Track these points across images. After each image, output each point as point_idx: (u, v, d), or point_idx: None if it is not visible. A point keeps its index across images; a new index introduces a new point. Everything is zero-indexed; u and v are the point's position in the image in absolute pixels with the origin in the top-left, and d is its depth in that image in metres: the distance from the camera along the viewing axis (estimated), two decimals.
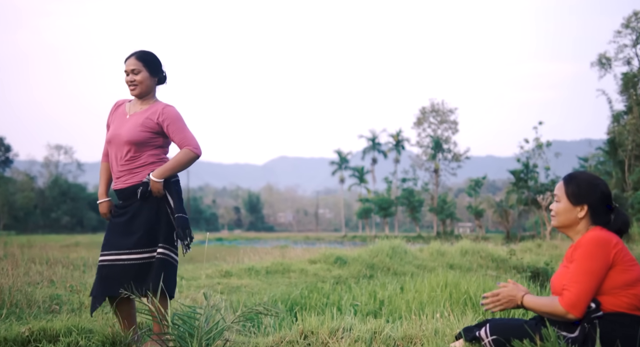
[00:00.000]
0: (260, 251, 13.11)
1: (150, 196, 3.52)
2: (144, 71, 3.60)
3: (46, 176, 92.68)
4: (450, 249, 13.00)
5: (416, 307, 5.83)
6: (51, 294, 5.06)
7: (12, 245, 12.00)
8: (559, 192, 2.74)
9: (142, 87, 3.60)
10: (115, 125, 3.65)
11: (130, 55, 3.65)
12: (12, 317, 4.02)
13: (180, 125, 3.61)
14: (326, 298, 6.78)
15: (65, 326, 3.61)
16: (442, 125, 61.81)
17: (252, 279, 8.44)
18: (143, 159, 3.58)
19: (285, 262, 9.89)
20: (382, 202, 63.82)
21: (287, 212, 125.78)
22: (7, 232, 65.97)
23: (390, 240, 11.72)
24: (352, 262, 10.21)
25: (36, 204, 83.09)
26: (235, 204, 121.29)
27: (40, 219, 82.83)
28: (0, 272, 5.57)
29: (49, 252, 10.92)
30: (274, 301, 6.54)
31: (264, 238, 57.29)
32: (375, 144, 67.75)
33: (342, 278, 9.09)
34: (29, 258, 9.20)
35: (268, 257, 11.32)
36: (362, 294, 6.86)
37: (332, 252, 11.00)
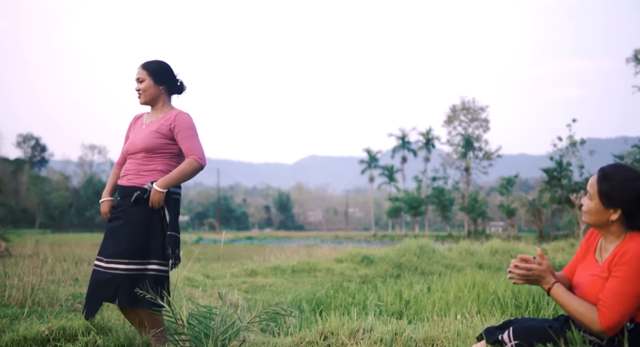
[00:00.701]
0: (287, 250, 13.09)
1: (145, 203, 3.48)
2: (147, 79, 3.63)
3: (80, 176, 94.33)
4: (480, 249, 12.80)
5: (442, 308, 5.72)
6: (74, 293, 5.07)
7: (43, 243, 12.16)
8: (591, 189, 2.52)
9: (145, 95, 3.63)
10: (133, 136, 3.70)
11: (138, 66, 3.71)
12: (33, 316, 4.03)
13: (189, 133, 3.59)
14: (352, 298, 6.69)
15: (84, 325, 3.60)
16: (473, 123, 61.03)
17: (278, 278, 8.40)
18: (154, 165, 3.57)
19: (312, 261, 9.84)
20: (412, 201, 63.38)
21: (317, 211, 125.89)
22: (42, 231, 67.33)
23: (418, 239, 11.59)
24: (379, 262, 10.11)
25: (71, 203, 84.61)
26: (265, 203, 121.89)
27: (75, 217, 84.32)
28: (26, 271, 5.60)
29: (78, 250, 11.05)
30: (298, 300, 6.49)
31: (294, 237, 57.28)
32: (405, 142, 67.31)
33: (368, 277, 9.00)
34: (58, 256, 9.32)
35: (294, 256, 11.29)
36: (388, 294, 6.76)
37: (359, 251, 10.91)
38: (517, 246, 13.51)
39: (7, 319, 3.85)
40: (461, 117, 61.28)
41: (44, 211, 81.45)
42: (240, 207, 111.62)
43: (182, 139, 3.56)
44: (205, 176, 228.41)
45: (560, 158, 47.97)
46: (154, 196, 3.43)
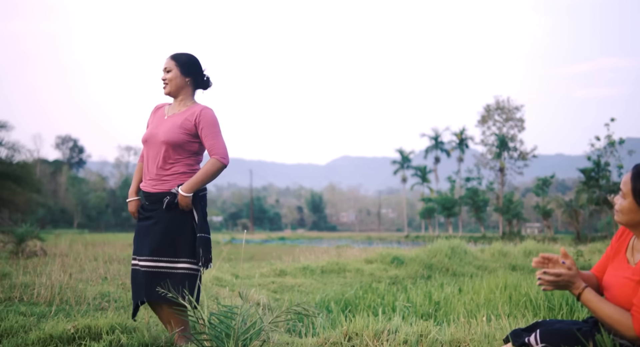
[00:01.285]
0: (317, 250, 13.05)
1: (175, 207, 3.47)
2: (175, 70, 3.60)
3: (117, 176, 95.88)
4: (513, 250, 12.57)
5: (472, 310, 5.61)
6: (102, 291, 5.11)
7: (77, 243, 12.36)
8: (625, 187, 2.39)
9: (171, 85, 3.60)
10: (153, 125, 3.65)
11: (168, 56, 3.68)
12: (60, 314, 4.06)
13: (214, 130, 3.55)
14: (380, 299, 6.62)
15: (109, 324, 3.61)
16: (507, 123, 60.16)
17: (307, 278, 8.37)
18: (175, 167, 3.53)
19: (341, 261, 9.78)
20: (446, 201, 62.80)
21: (349, 212, 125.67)
22: (80, 231, 68.69)
23: (449, 240, 11.43)
24: (410, 263, 9.99)
25: (108, 203, 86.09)
26: (298, 204, 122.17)
27: (111, 218, 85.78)
28: (56, 270, 5.67)
29: (110, 249, 11.19)
30: (326, 300, 6.44)
31: (326, 238, 57.31)
32: (438, 142, 66.75)
33: (398, 278, 8.91)
34: (90, 256, 9.45)
35: (324, 256, 11.24)
36: (417, 295, 6.67)
37: (389, 252, 10.81)
38: (552, 247, 13.24)
39: (34, 317, 3.89)
40: (495, 117, 60.46)
41: (81, 211, 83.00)
42: (273, 207, 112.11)
43: (205, 136, 3.52)
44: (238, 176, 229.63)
45: (598, 158, 46.97)
46: (181, 200, 3.41)
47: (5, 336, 3.53)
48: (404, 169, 71.47)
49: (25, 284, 4.89)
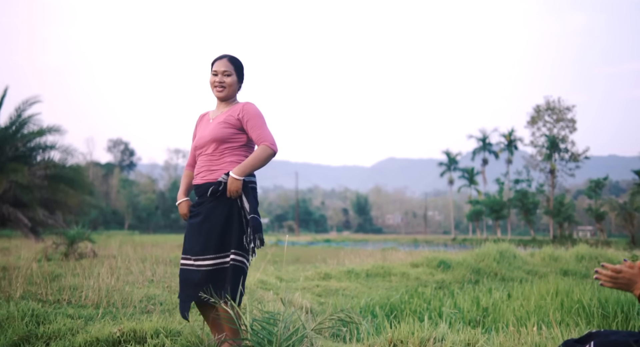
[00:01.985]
0: (362, 253, 12.96)
1: (222, 195, 3.41)
2: (234, 75, 3.57)
3: (166, 179, 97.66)
4: (565, 254, 12.21)
5: (522, 317, 5.45)
6: (148, 294, 5.15)
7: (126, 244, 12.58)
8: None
9: (229, 90, 3.56)
10: (200, 130, 3.66)
11: (221, 56, 3.60)
12: (107, 317, 4.10)
13: (259, 121, 3.51)
14: (427, 304, 6.50)
15: (154, 328, 3.62)
16: (558, 123, 58.71)
17: (352, 281, 8.29)
18: (224, 157, 3.50)
19: (387, 265, 9.67)
20: (494, 204, 61.71)
21: (395, 214, 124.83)
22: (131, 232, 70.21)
23: (497, 244, 11.17)
24: (457, 267, 9.81)
25: (157, 205, 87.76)
26: (343, 206, 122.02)
27: (161, 219, 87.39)
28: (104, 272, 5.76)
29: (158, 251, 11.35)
30: (371, 305, 6.36)
31: (372, 240, 57.03)
32: (485, 144, 65.70)
33: (445, 283, 8.75)
34: (138, 257, 9.59)
35: (369, 259, 11.14)
36: (465, 301, 6.53)
37: (436, 255, 10.63)
38: (606, 251, 12.78)
39: (81, 320, 3.94)
40: (546, 118, 59.08)
41: (132, 212, 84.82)
42: (319, 209, 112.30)
43: (251, 128, 3.49)
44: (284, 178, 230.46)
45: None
46: (231, 184, 3.35)
47: (54, 338, 3.58)
48: (451, 171, 70.62)
49: (74, 287, 4.97)
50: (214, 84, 3.56)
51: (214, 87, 3.57)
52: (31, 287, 4.65)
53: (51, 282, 5.19)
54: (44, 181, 19.66)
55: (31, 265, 5.53)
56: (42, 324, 3.77)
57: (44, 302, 4.42)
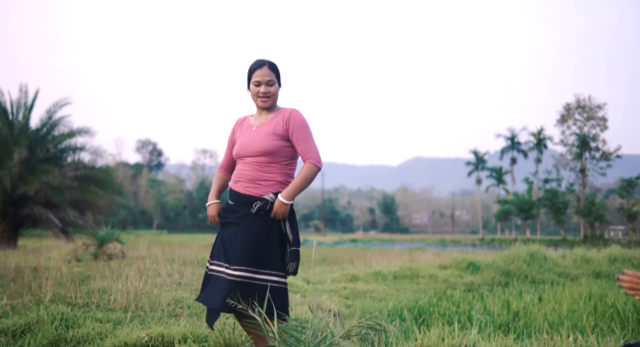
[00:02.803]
0: (389, 255, 12.86)
1: (266, 214, 3.30)
2: (276, 83, 3.43)
3: (194, 179, 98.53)
4: (597, 256, 11.96)
5: (554, 321, 5.33)
6: (176, 297, 5.15)
7: (154, 244, 12.67)
8: None
9: (273, 99, 3.42)
10: (244, 138, 3.47)
11: (261, 64, 3.44)
12: (135, 321, 4.11)
13: (306, 133, 3.39)
14: (456, 307, 6.40)
15: (182, 333, 3.61)
16: (589, 122, 57.69)
17: (379, 284, 8.22)
18: (274, 175, 3.38)
19: (414, 267, 9.58)
20: (523, 203, 60.94)
21: (422, 214, 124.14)
22: (159, 232, 71.01)
23: (528, 245, 10.99)
24: (486, 269, 9.67)
25: (185, 205, 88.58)
26: (370, 206, 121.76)
27: (188, 219, 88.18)
28: (132, 274, 5.78)
29: (186, 252, 11.41)
30: (399, 308, 6.29)
31: (398, 240, 56.77)
32: (514, 143, 64.90)
33: (474, 285, 8.63)
34: (167, 258, 9.65)
35: (396, 261, 11.04)
36: (494, 304, 6.41)
37: (464, 257, 10.50)
38: None
39: (110, 323, 3.95)
40: (576, 116, 58.10)
41: (160, 212, 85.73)
42: (345, 209, 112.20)
43: (298, 140, 3.36)
44: None
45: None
46: (279, 207, 3.25)
47: (82, 342, 3.59)
48: (479, 171, 69.93)
49: (102, 290, 5.00)
50: (258, 94, 3.42)
51: (258, 98, 3.43)
52: (61, 290, 4.68)
53: (80, 285, 5.22)
54: (74, 182, 19.92)
55: (61, 267, 5.57)
56: (71, 328, 3.78)
57: (73, 306, 4.45)
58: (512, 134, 65.04)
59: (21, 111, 20.19)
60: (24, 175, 18.81)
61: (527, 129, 64.56)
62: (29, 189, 18.11)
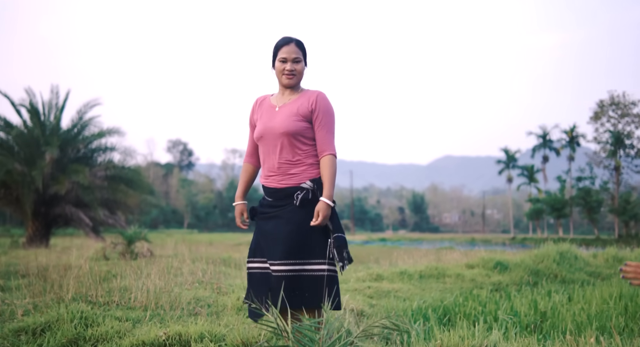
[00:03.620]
0: (415, 254, 12.74)
1: (308, 203, 3.20)
2: (302, 61, 3.31)
3: (224, 178, 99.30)
4: (630, 255, 11.66)
5: (582, 322, 5.20)
6: (197, 296, 5.15)
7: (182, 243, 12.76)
8: None
9: (299, 77, 3.31)
10: (265, 119, 3.34)
11: (287, 41, 3.32)
12: (155, 320, 4.11)
13: (330, 120, 3.28)
14: (482, 307, 6.29)
15: (199, 332, 3.59)
16: (623, 119, 56.44)
17: (404, 283, 8.13)
18: (302, 159, 3.27)
19: (440, 266, 9.45)
20: (555, 202, 59.95)
21: (452, 213, 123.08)
22: (190, 231, 71.70)
23: (557, 244, 10.77)
24: (514, 268, 9.49)
25: (215, 204, 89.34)
26: (399, 205, 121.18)
27: (219, 218, 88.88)
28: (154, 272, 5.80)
29: (213, 250, 11.46)
30: (424, 307, 6.21)
31: (428, 239, 56.34)
32: (546, 141, 63.89)
33: (501, 285, 8.48)
34: (193, 257, 9.70)
35: (423, 260, 10.92)
36: (522, 304, 6.29)
37: (492, 256, 10.33)
38: None
39: (129, 322, 3.95)
40: (610, 113, 56.92)
41: (191, 211, 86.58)
42: (374, 208, 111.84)
43: (320, 125, 3.25)
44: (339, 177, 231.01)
45: None
46: (325, 211, 3.15)
47: (101, 341, 3.60)
48: (509, 169, 69.03)
49: (124, 288, 5.02)
50: (284, 71, 3.29)
51: (283, 75, 3.30)
52: (82, 288, 4.71)
53: (102, 283, 5.26)
54: (104, 181, 20.24)
55: (83, 266, 5.62)
56: (91, 326, 3.79)
57: (94, 304, 4.47)
58: (543, 132, 64.07)
59: (52, 112, 20.58)
60: (55, 175, 19.16)
61: (559, 127, 63.50)
62: (60, 189, 18.43)
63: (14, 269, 7.74)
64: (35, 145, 19.55)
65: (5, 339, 3.66)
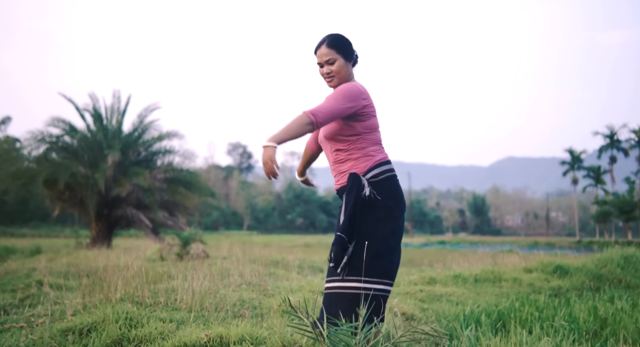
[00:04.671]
0: (472, 257, 12.42)
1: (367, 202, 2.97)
2: (339, 59, 3.14)
3: (282, 180, 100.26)
4: None
5: None
6: (243, 298, 5.13)
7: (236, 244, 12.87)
8: None
9: (339, 77, 3.14)
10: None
11: (319, 44, 3.19)
12: (199, 321, 4.11)
13: (333, 96, 3.02)
14: (539, 312, 6.06)
15: (240, 334, 3.56)
16: None
17: (459, 287, 7.93)
18: (348, 156, 3.12)
19: (497, 269, 9.19)
20: (623, 204, 57.64)
21: (515, 215, 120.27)
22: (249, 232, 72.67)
23: (623, 248, 10.29)
24: (575, 272, 9.12)
25: (274, 206, 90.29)
26: (459, 207, 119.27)
27: (277, 220, 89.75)
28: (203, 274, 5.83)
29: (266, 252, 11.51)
30: (477, 312, 6.02)
31: (488, 242, 55.08)
32: (613, 141, 61.59)
33: (561, 290, 8.16)
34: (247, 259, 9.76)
35: (479, 263, 10.65)
36: (581, 310, 6.01)
37: (552, 260, 9.97)
38: None
39: (173, 323, 3.96)
40: None
41: (250, 213, 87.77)
42: (434, 210, 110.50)
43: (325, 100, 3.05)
44: None
45: None
46: (265, 153, 2.82)
47: (144, 342, 3.61)
48: (574, 170, 66.87)
49: (171, 289, 5.05)
50: (323, 76, 3.19)
51: (325, 80, 3.21)
52: (131, 289, 4.78)
53: (150, 284, 5.32)
54: (163, 183, 20.70)
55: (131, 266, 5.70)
56: (135, 327, 3.82)
57: (140, 305, 4.51)
58: (611, 132, 61.82)
59: (115, 116, 21.22)
60: (117, 177, 19.73)
61: (627, 126, 61.13)
62: (121, 191, 18.96)
63: (74, 270, 7.98)
64: (98, 148, 20.19)
65: (53, 338, 3.73)
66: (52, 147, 20.39)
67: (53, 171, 18.68)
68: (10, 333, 4.04)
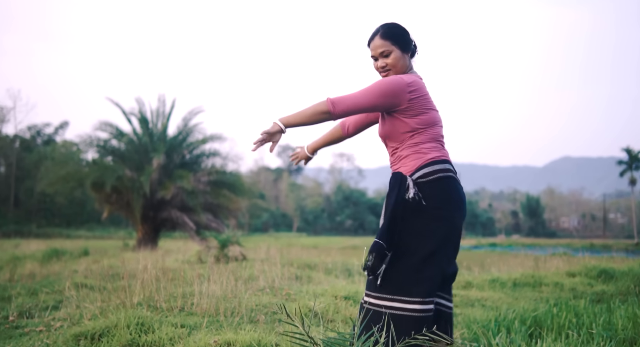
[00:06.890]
0: (512, 260, 12.06)
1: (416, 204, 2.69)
2: (395, 50, 2.87)
3: (331, 182, 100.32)
4: None
5: None
6: (263, 302, 5.05)
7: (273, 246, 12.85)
8: None
9: (395, 70, 2.88)
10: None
11: (372, 36, 2.93)
12: (212, 326, 4.05)
13: (368, 87, 2.76)
14: (577, 318, 5.78)
15: (248, 341, 3.48)
16: None
17: (496, 291, 7.68)
18: (401, 155, 2.85)
19: (537, 273, 8.87)
20: None
21: (571, 217, 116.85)
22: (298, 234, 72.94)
23: None
24: (621, 277, 8.72)
25: (323, 208, 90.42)
26: (512, 208, 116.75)
27: (326, 221, 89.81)
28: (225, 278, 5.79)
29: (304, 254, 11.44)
30: (511, 318, 5.80)
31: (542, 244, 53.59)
32: None
33: (605, 295, 7.80)
34: (285, 261, 9.71)
35: (519, 267, 10.31)
36: (621, 317, 5.72)
37: (597, 263, 9.56)
38: None
39: (185, 328, 3.92)
40: None
41: (300, 215, 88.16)
42: (486, 212, 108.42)
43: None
44: None
45: None
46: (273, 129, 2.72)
47: None
48: (632, 170, 64.50)
49: (190, 293, 5.02)
50: (378, 70, 2.95)
51: (380, 74, 2.96)
52: (147, 293, 4.76)
53: (174, 288, 5.30)
54: (207, 186, 20.95)
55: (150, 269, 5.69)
56: (146, 332, 3.80)
57: (156, 309, 4.50)
58: None
59: (160, 120, 21.60)
60: (162, 180, 20.07)
61: None
62: (166, 194, 19.27)
63: (115, 271, 8.06)
64: (143, 152, 20.59)
65: (66, 343, 3.74)
66: (99, 150, 20.92)
67: (100, 174, 19.14)
68: (29, 337, 4.08)
